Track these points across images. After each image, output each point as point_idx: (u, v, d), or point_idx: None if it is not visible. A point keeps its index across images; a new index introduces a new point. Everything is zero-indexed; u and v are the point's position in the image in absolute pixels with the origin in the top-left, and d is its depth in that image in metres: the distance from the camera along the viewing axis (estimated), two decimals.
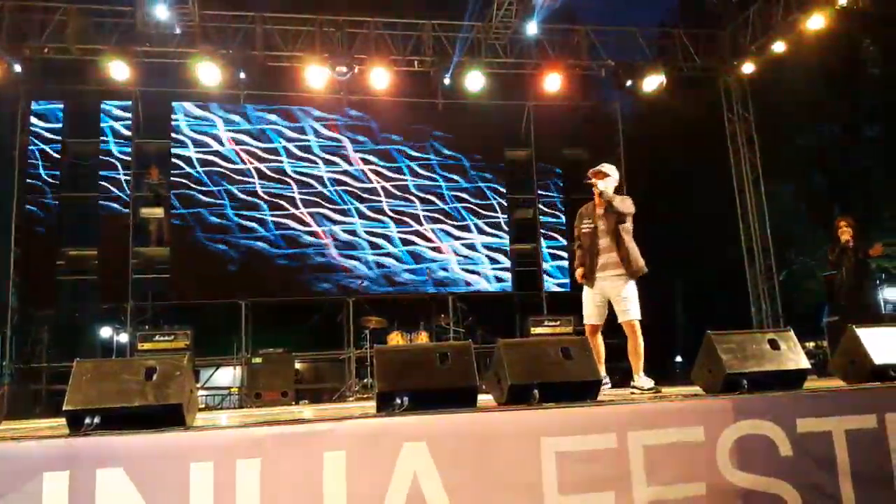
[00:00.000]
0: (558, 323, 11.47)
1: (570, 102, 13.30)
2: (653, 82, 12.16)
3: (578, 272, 6.03)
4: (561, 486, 3.19)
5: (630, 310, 5.74)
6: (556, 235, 13.32)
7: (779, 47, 11.93)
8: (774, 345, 4.02)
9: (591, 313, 5.91)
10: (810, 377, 4.25)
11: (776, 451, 3.43)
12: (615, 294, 5.76)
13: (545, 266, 13.10)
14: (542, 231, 13.21)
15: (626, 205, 5.79)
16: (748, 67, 12.69)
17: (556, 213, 13.43)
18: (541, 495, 3.17)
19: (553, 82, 12.11)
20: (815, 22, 11.13)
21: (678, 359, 21.17)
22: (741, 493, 3.33)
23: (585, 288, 5.98)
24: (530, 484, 3.18)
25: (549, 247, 13.22)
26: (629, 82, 12.39)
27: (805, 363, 4.01)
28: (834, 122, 21.79)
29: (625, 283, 5.74)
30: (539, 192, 13.32)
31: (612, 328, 6.07)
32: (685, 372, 12.57)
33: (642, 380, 5.73)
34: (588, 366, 3.81)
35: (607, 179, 5.88)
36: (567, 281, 13.22)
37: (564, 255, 13.25)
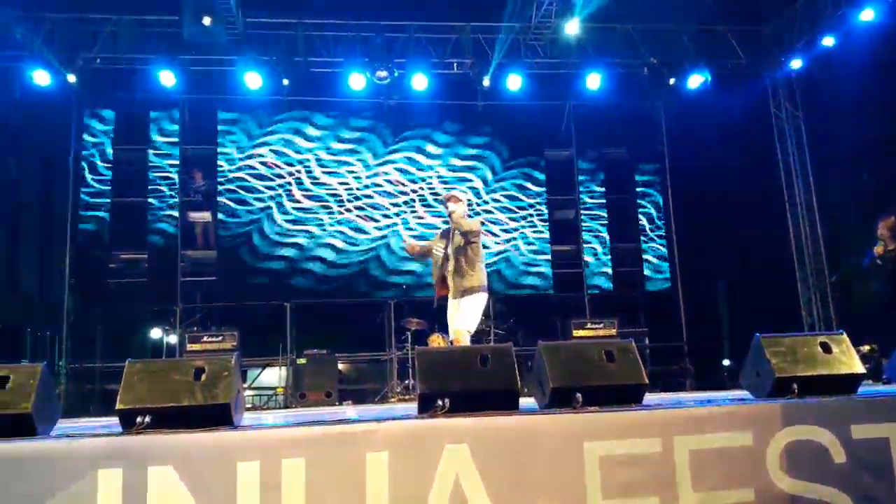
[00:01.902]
0: (601, 325, 11.35)
1: (612, 101, 13.15)
2: (696, 80, 11.98)
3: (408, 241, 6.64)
4: (605, 490, 3.16)
5: (458, 318, 6.10)
6: (598, 236, 13.19)
7: (828, 42, 11.63)
8: (826, 348, 3.91)
9: (449, 331, 6.28)
10: (865, 382, 4.13)
11: (829, 457, 3.34)
12: (458, 306, 6.13)
13: (587, 268, 12.96)
14: (583, 232, 13.09)
15: (470, 225, 6.19)
16: (796, 63, 12.41)
17: (598, 213, 13.29)
18: (584, 500, 3.15)
19: (594, 82, 12.02)
20: (867, 15, 10.84)
21: (726, 362, 20.74)
22: (791, 500, 3.25)
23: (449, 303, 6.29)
24: (573, 488, 3.16)
25: (590, 248, 13.08)
26: (672, 80, 12.23)
27: (859, 367, 3.89)
28: (886, 117, 21.11)
29: (465, 296, 6.10)
30: (580, 192, 13.21)
31: (658, 331, 6.01)
32: (733, 375, 12.32)
33: None
34: (633, 369, 3.76)
35: (459, 204, 6.25)
36: (610, 283, 13.09)
37: (607, 256, 13.12)
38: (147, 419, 3.20)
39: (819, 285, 12.83)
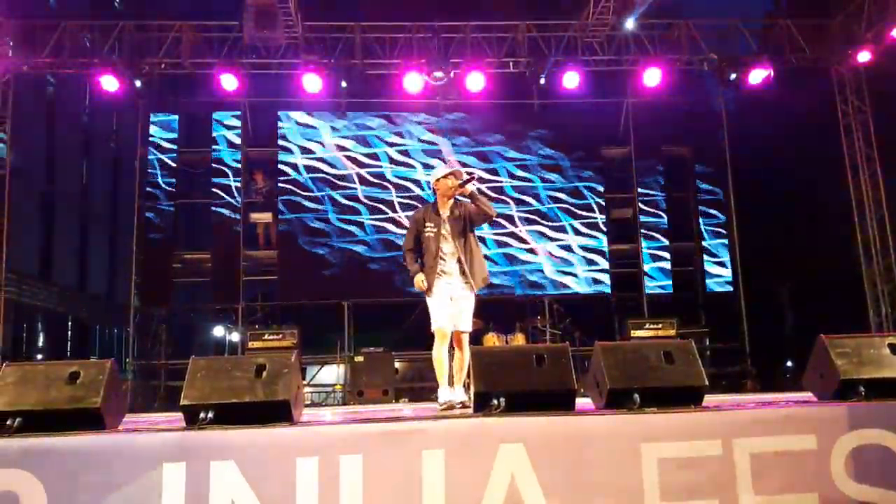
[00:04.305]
0: (660, 326, 11.14)
1: (671, 98, 12.89)
2: (759, 75, 11.64)
3: (419, 278, 5.60)
4: (663, 493, 3.13)
5: (466, 319, 5.56)
6: (656, 235, 12.95)
7: None
8: (895, 349, 3.77)
9: (446, 321, 5.59)
10: None
11: None
12: (460, 302, 5.54)
13: (645, 267, 12.77)
14: (641, 231, 12.88)
15: (493, 209, 5.54)
16: (863, 56, 11.92)
17: (657, 212, 13.07)
18: (641, 502, 3.11)
19: (653, 78, 11.80)
20: None
21: (788, 364, 20.15)
22: None
23: (436, 294, 5.57)
24: (630, 490, 3.13)
25: (649, 247, 12.87)
26: (733, 76, 11.91)
27: None
28: None
29: (470, 293, 5.54)
30: (639, 190, 13.00)
31: (718, 331, 5.83)
32: (796, 378, 11.96)
33: (457, 393, 5.63)
34: (692, 370, 3.70)
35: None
36: (669, 282, 12.86)
37: (666, 255, 12.90)
38: (210, 415, 3.30)
39: (887, 284, 12.32)
